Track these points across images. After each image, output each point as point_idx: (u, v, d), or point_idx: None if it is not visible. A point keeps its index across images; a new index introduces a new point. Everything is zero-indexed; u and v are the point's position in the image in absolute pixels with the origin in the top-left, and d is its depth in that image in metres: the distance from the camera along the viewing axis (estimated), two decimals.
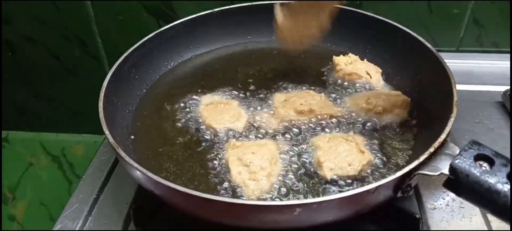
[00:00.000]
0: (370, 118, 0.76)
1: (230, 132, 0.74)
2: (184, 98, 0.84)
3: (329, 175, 0.64)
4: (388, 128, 0.75)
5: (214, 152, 0.71)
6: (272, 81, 0.87)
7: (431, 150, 0.56)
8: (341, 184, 0.64)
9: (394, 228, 0.65)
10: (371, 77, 0.85)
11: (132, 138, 0.76)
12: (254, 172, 0.64)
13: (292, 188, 0.64)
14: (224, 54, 0.99)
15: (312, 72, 0.89)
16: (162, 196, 0.59)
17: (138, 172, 0.57)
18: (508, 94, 0.88)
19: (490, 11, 1.01)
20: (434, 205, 0.69)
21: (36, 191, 1.42)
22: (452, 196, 0.69)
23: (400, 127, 0.75)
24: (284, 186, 0.64)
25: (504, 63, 1.02)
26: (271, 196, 0.63)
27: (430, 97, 0.75)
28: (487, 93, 0.93)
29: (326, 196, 0.52)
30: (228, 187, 0.65)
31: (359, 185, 0.64)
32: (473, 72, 1.01)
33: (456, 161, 0.52)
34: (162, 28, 0.91)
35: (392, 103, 0.76)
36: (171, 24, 0.92)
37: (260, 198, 0.62)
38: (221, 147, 0.72)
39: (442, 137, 0.58)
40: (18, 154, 1.38)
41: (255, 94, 0.84)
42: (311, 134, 0.74)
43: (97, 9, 1.09)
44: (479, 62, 1.04)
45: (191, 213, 0.60)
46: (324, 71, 0.89)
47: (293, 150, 0.71)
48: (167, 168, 0.69)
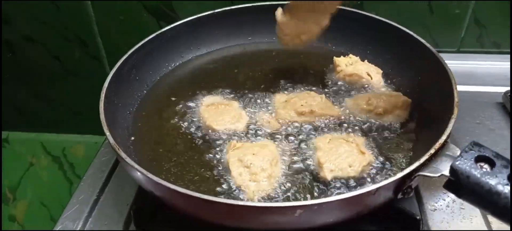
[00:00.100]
0: (370, 119, 0.76)
1: (231, 133, 0.74)
2: (184, 99, 0.83)
3: (329, 176, 0.64)
4: (388, 128, 0.75)
5: (214, 153, 0.71)
6: (272, 82, 0.87)
7: (432, 151, 0.56)
8: (341, 185, 0.64)
9: (395, 229, 0.65)
10: (371, 78, 0.85)
11: (133, 139, 0.76)
12: (255, 173, 0.64)
13: (293, 189, 0.64)
14: (225, 55, 0.99)
15: (313, 73, 0.89)
16: (163, 197, 0.59)
17: (139, 173, 0.57)
18: (509, 95, 0.88)
19: (491, 11, 1.01)
20: (435, 206, 0.69)
21: (37, 191, 1.42)
22: (453, 197, 0.69)
23: (400, 127, 0.75)
24: (285, 187, 0.64)
25: (505, 64, 1.02)
26: (272, 198, 0.63)
27: (431, 98, 0.75)
28: (488, 94, 0.93)
29: (327, 198, 0.52)
30: (228, 188, 0.65)
31: (359, 186, 0.64)
32: (474, 73, 1.01)
33: (457, 162, 0.52)
34: (163, 29, 0.91)
35: (392, 104, 0.76)
36: (171, 25, 0.92)
37: (261, 200, 0.62)
38: (222, 148, 0.72)
39: (443, 138, 0.58)
40: (18, 154, 1.38)
41: (256, 96, 0.83)
42: (312, 135, 0.74)
43: (97, 9, 1.09)
44: (480, 63, 1.04)
45: (192, 215, 0.60)
46: (324, 72, 0.89)
47: (293, 151, 0.71)
48: (167, 169, 0.69)
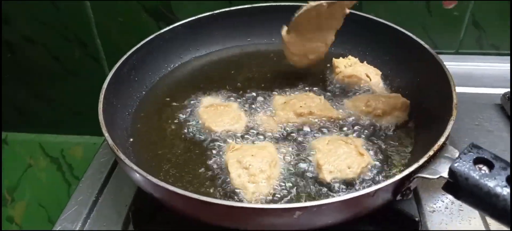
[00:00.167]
0: (369, 120, 0.76)
1: (230, 134, 0.74)
2: (183, 101, 0.83)
3: (328, 177, 0.64)
4: (387, 130, 0.75)
5: (213, 154, 0.71)
6: (271, 83, 0.87)
7: (431, 153, 0.56)
8: (340, 187, 0.64)
9: (393, 230, 0.65)
10: (370, 80, 0.85)
11: (132, 140, 0.76)
12: (254, 175, 0.64)
13: (292, 191, 0.64)
14: (224, 56, 0.99)
15: (312, 74, 0.89)
16: (161, 199, 0.59)
17: (137, 175, 0.57)
18: (507, 97, 0.88)
19: (490, 13, 1.02)
20: (433, 207, 0.69)
21: (35, 192, 1.42)
22: (451, 199, 0.69)
23: (399, 129, 0.75)
24: (284, 189, 0.64)
25: (503, 66, 1.02)
26: (270, 199, 0.63)
27: (430, 99, 0.75)
28: (487, 96, 0.93)
29: (326, 200, 0.52)
30: (227, 190, 0.64)
31: (358, 188, 0.64)
32: (473, 74, 1.01)
33: (456, 164, 0.52)
34: (162, 30, 0.91)
35: (391, 106, 0.76)
36: (170, 26, 0.92)
37: (259, 201, 0.62)
38: (221, 149, 0.72)
39: (442, 139, 0.58)
40: (17, 155, 1.38)
41: (255, 97, 0.83)
42: (311, 137, 0.74)
43: (96, 10, 1.09)
44: (479, 64, 1.04)
45: (190, 216, 0.60)
46: (323, 74, 0.89)
47: (292, 153, 0.71)
48: (166, 170, 0.69)
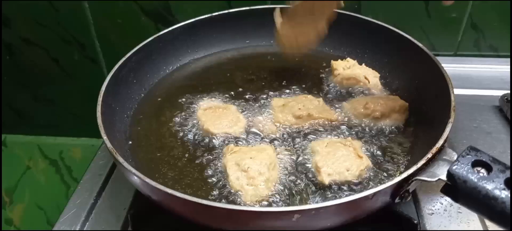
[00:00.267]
0: (368, 123, 0.76)
1: (228, 137, 0.74)
2: (182, 103, 0.83)
3: (327, 180, 0.64)
4: (386, 132, 0.75)
5: (212, 157, 0.71)
6: (270, 85, 0.87)
7: (429, 155, 0.56)
8: (339, 190, 0.64)
9: None
10: (369, 82, 0.85)
11: (130, 143, 0.76)
12: (253, 177, 0.64)
13: (290, 194, 0.64)
14: (222, 58, 0.99)
15: (310, 76, 0.89)
16: (160, 202, 0.59)
17: (136, 177, 0.57)
18: (506, 99, 0.88)
19: (488, 15, 1.02)
20: (432, 210, 0.69)
21: (34, 194, 1.42)
22: (450, 201, 0.69)
23: (398, 131, 0.75)
24: (283, 192, 0.64)
25: (501, 68, 1.03)
26: (269, 202, 0.63)
27: (428, 102, 0.76)
28: (485, 98, 0.93)
29: (324, 202, 0.52)
30: (226, 192, 0.64)
31: (357, 191, 0.64)
32: (471, 76, 1.01)
33: (454, 167, 0.52)
34: (161, 33, 0.91)
35: (390, 108, 0.76)
36: (169, 28, 0.92)
37: (258, 204, 0.62)
38: (219, 152, 0.72)
39: (440, 142, 0.58)
40: (16, 157, 1.38)
41: (254, 99, 0.84)
42: (309, 139, 0.74)
43: (95, 13, 1.09)
44: (477, 66, 1.05)
45: (189, 219, 0.60)
46: (322, 76, 0.89)
47: (291, 155, 0.71)
48: (165, 173, 0.69)
